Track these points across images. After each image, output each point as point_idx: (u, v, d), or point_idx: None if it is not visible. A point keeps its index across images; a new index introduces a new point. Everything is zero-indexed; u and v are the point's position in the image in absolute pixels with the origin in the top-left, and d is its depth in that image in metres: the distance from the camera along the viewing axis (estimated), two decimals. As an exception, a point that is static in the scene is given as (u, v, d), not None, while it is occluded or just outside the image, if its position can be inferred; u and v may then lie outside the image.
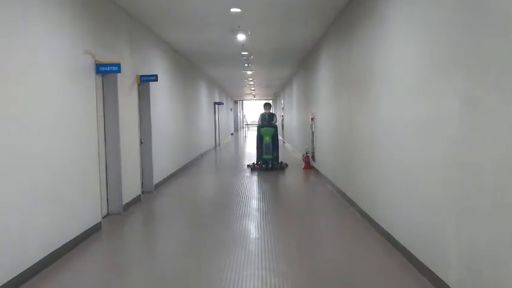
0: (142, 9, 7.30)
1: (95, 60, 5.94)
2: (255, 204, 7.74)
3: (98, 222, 5.95)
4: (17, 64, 4.10)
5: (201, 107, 16.73)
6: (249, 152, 19.39)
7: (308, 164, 12.11)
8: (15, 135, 4.02)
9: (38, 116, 4.45)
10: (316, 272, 4.36)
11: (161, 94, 9.78)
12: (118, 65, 5.95)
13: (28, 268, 4.15)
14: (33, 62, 4.39)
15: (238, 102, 44.12)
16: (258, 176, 10.98)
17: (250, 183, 10.03)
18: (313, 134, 11.70)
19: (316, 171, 11.28)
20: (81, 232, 5.39)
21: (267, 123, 12.57)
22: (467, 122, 3.14)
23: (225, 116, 28.67)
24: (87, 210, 5.66)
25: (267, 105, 13.09)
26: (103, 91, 6.62)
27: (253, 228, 6.13)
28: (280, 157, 12.97)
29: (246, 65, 14.78)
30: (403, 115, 4.46)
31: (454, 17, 3.36)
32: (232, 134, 35.46)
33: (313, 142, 11.74)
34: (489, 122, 2.88)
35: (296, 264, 4.60)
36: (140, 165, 8.21)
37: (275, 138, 12.29)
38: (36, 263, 4.31)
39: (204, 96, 17.83)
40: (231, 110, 35.14)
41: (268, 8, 7.26)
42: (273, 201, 8.29)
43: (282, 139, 26.24)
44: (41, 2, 4.59)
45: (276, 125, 12.60)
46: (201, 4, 7.05)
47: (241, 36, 9.62)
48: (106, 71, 5.94)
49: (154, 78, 7.95)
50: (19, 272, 4.00)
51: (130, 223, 6.65)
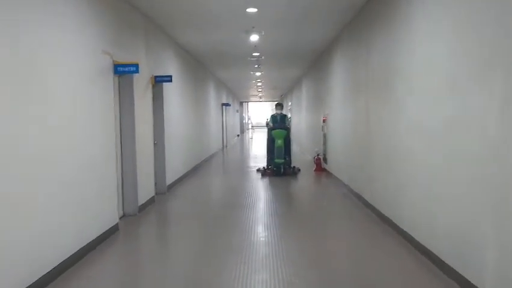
0: (158, 11, 7.26)
1: (113, 61, 5.91)
2: (268, 207, 7.68)
3: (115, 224, 5.90)
4: (40, 65, 4.06)
5: (209, 108, 16.70)
6: (256, 154, 19.34)
7: (320, 166, 12.02)
8: (41, 135, 3.99)
9: (61, 116, 4.42)
10: (339, 275, 4.29)
11: (173, 95, 9.75)
12: (136, 66, 5.91)
13: (54, 268, 4.11)
14: (55, 62, 4.36)
15: (243, 103, 44.04)
16: (269, 180, 10.54)
17: (262, 186, 9.96)
18: (325, 136, 11.63)
19: (328, 173, 11.20)
20: (101, 233, 5.35)
21: (279, 125, 11.68)
22: (507, 121, 3.07)
23: (231, 117, 28.64)
24: (106, 211, 5.62)
25: (279, 106, 12.12)
26: (119, 91, 6.59)
27: (267, 231, 6.07)
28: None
29: (256, 66, 14.73)
30: (432, 115, 4.38)
31: (490, 15, 3.30)
32: (238, 136, 35.42)
33: (325, 144, 11.67)
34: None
35: (316, 267, 4.54)
36: (153, 166, 8.17)
37: (288, 141, 11.46)
38: (61, 262, 4.27)
39: (213, 98, 17.80)
40: (237, 112, 35.08)
41: (285, 7, 7.21)
42: (287, 203, 8.23)
43: (289, 141, 26.13)
44: (64, 2, 4.56)
45: (288, 127, 11.80)
46: (217, 4, 7.01)
47: (254, 37, 9.57)
48: (124, 72, 5.90)
49: (169, 79, 7.91)
50: (46, 272, 3.96)
51: (146, 225, 6.60)
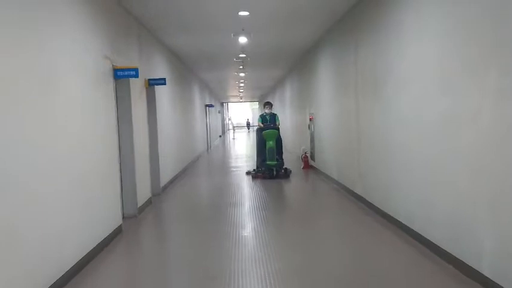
0: (151, 15, 7.39)
1: (113, 66, 6.03)
2: (262, 204, 7.89)
3: (119, 225, 6.03)
4: (57, 73, 4.18)
5: (195, 109, 16.83)
6: (242, 154, 19.53)
7: (307, 164, 12.31)
8: (51, 137, 4.11)
9: (73, 118, 4.54)
10: (340, 264, 4.54)
11: (163, 98, 9.87)
12: (136, 70, 6.04)
13: (67, 271, 4.23)
14: (68, 70, 4.48)
15: (224, 104, 44.16)
16: (261, 182, 10.09)
17: (252, 185, 10.14)
18: (312, 134, 11.91)
19: (316, 170, 11.49)
20: (107, 234, 5.47)
21: (269, 125, 11.07)
22: (500, 116, 3.36)
23: (214, 118, 28.75)
24: (110, 212, 5.74)
25: (268, 105, 11.46)
26: (117, 95, 6.70)
27: (267, 227, 6.29)
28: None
29: (241, 67, 14.93)
30: (426, 112, 4.67)
31: (482, 14, 3.59)
32: (220, 137, 35.53)
33: (312, 142, 11.95)
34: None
35: (320, 257, 4.79)
36: (149, 168, 8.29)
37: (279, 141, 10.91)
38: (74, 265, 4.39)
39: (197, 99, 17.93)
40: (219, 112, 35.19)
41: (276, 10, 7.43)
42: (280, 198, 8.46)
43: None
44: (71, 11, 4.68)
45: (279, 127, 11.16)
46: (211, 8, 7.18)
47: (243, 39, 9.77)
48: (124, 76, 6.03)
49: (163, 81, 8.05)
50: (60, 276, 4.08)
51: (148, 225, 6.74)
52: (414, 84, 4.95)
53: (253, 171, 11.04)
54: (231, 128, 52.79)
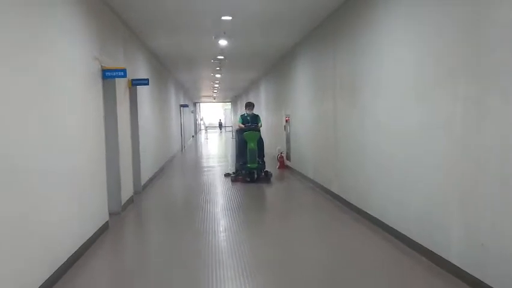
0: (137, 18, 7.56)
1: (101, 66, 6.18)
2: (239, 202, 8.17)
3: (106, 222, 6.18)
4: (55, 74, 4.34)
5: (171, 109, 16.94)
6: (216, 155, 19.74)
7: (283, 164, 12.67)
8: (48, 135, 4.27)
9: (65, 117, 4.70)
10: (322, 258, 4.89)
11: (144, 98, 10.01)
12: (124, 70, 6.22)
13: (61, 266, 4.39)
14: (64, 70, 4.64)
15: (196, 104, 44.16)
16: (241, 185, 9.80)
17: (230, 187, 10.39)
18: (288, 135, 12.28)
19: (291, 170, 11.85)
20: (96, 230, 5.63)
21: (250, 126, 10.43)
22: (471, 121, 3.76)
23: (187, 118, 28.81)
24: (98, 209, 5.89)
25: (250, 105, 10.86)
26: (104, 95, 6.83)
27: (241, 225, 6.58)
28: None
29: (218, 68, 15.16)
30: (401, 117, 5.06)
31: (454, 28, 3.99)
32: (193, 137, 35.56)
33: (288, 142, 12.31)
34: (491, 120, 3.50)
35: (301, 252, 5.12)
36: (132, 167, 8.43)
37: (261, 143, 10.37)
38: (69, 257, 4.56)
39: (173, 99, 18.03)
40: (192, 113, 35.22)
41: (257, 15, 7.72)
42: (258, 198, 8.75)
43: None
44: (67, 14, 4.84)
45: (260, 128, 10.55)
46: (195, 12, 7.41)
47: (223, 42, 10.03)
48: (112, 76, 6.19)
49: (146, 82, 8.22)
50: (54, 270, 4.24)
51: (132, 223, 6.92)
52: (391, 91, 5.35)
53: (233, 174, 10.63)
54: (202, 128, 52.88)
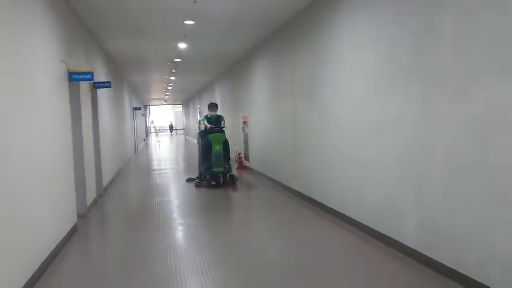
0: (99, 22, 7.62)
1: (67, 69, 6.23)
2: (201, 202, 8.40)
3: (75, 224, 6.23)
4: (28, 76, 4.41)
5: (125, 112, 16.81)
6: (170, 157, 19.72)
7: (241, 164, 12.98)
8: (24, 137, 4.35)
9: (38, 120, 4.77)
10: (288, 249, 5.25)
11: (103, 101, 9.99)
12: (91, 73, 6.30)
13: (37, 269, 4.47)
14: (36, 73, 4.71)
15: (146, 107, 43.57)
16: (204, 188, 9.54)
17: (189, 187, 10.55)
18: (246, 136, 12.61)
19: (250, 169, 12.19)
20: (66, 232, 5.69)
21: (215, 127, 9.90)
22: (421, 119, 4.25)
23: (139, 121, 28.47)
24: (68, 211, 5.94)
25: (213, 106, 10.35)
26: (69, 98, 6.86)
27: (203, 221, 6.84)
28: (194, 158, 11.75)
29: (173, 70, 15.24)
30: (358, 116, 5.52)
31: (408, 36, 4.47)
32: (144, 140, 35.11)
33: (246, 143, 12.64)
34: (439, 118, 3.99)
35: (269, 244, 5.46)
36: (94, 169, 8.43)
37: (226, 146, 9.88)
38: (46, 258, 4.63)
39: (127, 102, 17.89)
40: (143, 115, 34.78)
41: (219, 20, 7.99)
42: (220, 197, 9.02)
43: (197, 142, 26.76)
44: (38, 19, 4.91)
45: (224, 128, 10.13)
46: (158, 16, 7.57)
47: (183, 45, 10.21)
48: (79, 79, 6.25)
49: (108, 84, 8.26)
50: (35, 270, 4.32)
51: (98, 224, 6.98)
52: (348, 92, 5.81)
53: (196, 178, 10.12)
54: (153, 131, 52.20)
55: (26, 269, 4.07)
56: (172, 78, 18.06)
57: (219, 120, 10.16)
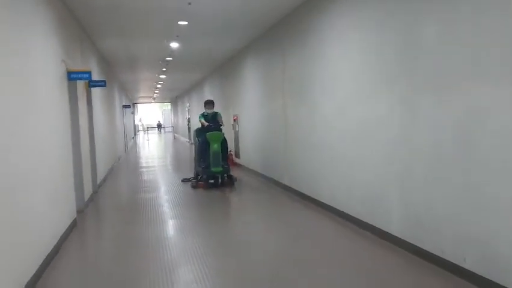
0: (90, 18, 7.73)
1: (67, 68, 6.42)
2: (195, 199, 8.64)
3: (74, 219, 6.44)
4: (33, 75, 4.62)
5: (116, 110, 16.93)
6: (160, 155, 19.88)
7: (232, 161, 13.22)
8: (29, 135, 4.56)
9: (43, 117, 4.98)
10: (280, 239, 5.55)
11: (96, 99, 10.16)
12: (89, 73, 6.50)
13: (42, 262, 4.69)
14: (40, 73, 4.92)
15: (135, 105, 43.50)
16: (201, 188, 9.20)
17: (182, 183, 10.75)
18: (236, 133, 12.86)
19: (241, 167, 12.45)
20: (67, 227, 5.89)
21: (213, 125, 9.51)
22: (406, 117, 4.56)
23: (128, 119, 28.51)
24: (68, 206, 6.15)
25: (210, 103, 9.90)
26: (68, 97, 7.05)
27: (199, 216, 7.10)
28: (186, 156, 11.70)
29: (164, 69, 15.41)
30: (345, 115, 5.83)
31: (393, 40, 4.78)
32: (133, 138, 35.11)
33: (236, 140, 12.90)
34: (421, 117, 4.30)
35: (264, 234, 5.75)
36: (90, 166, 8.62)
37: (224, 144, 9.49)
38: (50, 252, 4.86)
39: (117, 100, 18.01)
40: (132, 113, 34.78)
41: (212, 21, 8.23)
42: (214, 192, 9.27)
43: (189, 140, 26.96)
44: (40, 21, 5.11)
45: (221, 126, 9.73)
46: (152, 16, 7.78)
47: (175, 45, 10.42)
48: (78, 78, 6.45)
49: (102, 83, 8.45)
50: (38, 265, 4.54)
51: (96, 219, 7.19)
52: (337, 92, 6.10)
53: (193, 178, 9.74)
54: (141, 129, 52.08)
55: (33, 262, 4.29)
56: (162, 76, 18.22)
57: (216, 117, 9.73)
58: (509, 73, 3.30)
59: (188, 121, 26.98)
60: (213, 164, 9.12)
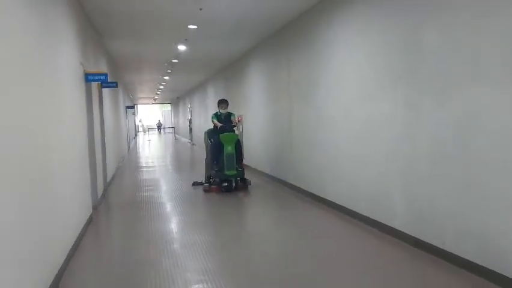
0: (104, 21, 8.00)
1: (84, 70, 6.71)
2: (196, 196, 8.91)
3: (90, 214, 6.73)
4: (60, 75, 4.91)
5: (120, 111, 17.23)
6: (162, 155, 20.14)
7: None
8: (60, 133, 4.86)
9: (68, 116, 5.27)
10: (288, 233, 5.84)
11: (106, 100, 10.45)
12: (106, 75, 6.80)
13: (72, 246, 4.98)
14: (59, 77, 5.21)
15: (135, 106, 43.74)
16: (214, 192, 8.76)
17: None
18: (241, 134, 13.16)
19: (246, 167, 12.70)
20: (85, 222, 6.18)
21: (226, 126, 9.11)
22: (409, 117, 4.87)
23: (130, 120, 28.81)
24: (85, 202, 6.44)
25: (224, 102, 9.43)
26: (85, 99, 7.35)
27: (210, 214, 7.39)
28: (191, 157, 11.66)
29: (169, 71, 15.71)
30: (350, 116, 6.13)
31: (396, 43, 5.09)
32: (134, 138, 35.39)
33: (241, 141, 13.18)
34: (423, 117, 4.61)
35: (274, 229, 6.05)
36: (102, 163, 8.91)
37: (239, 146, 9.08)
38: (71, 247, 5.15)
39: (121, 101, 18.30)
40: (133, 114, 35.07)
41: (221, 25, 8.53)
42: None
43: (190, 141, 27.26)
44: (65, 26, 5.40)
45: (235, 126, 9.38)
46: (163, 20, 8.07)
47: (182, 47, 10.72)
48: (94, 80, 6.74)
49: (114, 85, 8.74)
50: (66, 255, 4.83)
51: (110, 214, 7.48)
52: (342, 93, 6.41)
53: (205, 182, 9.21)
54: (141, 130, 52.25)
55: (61, 254, 4.58)
56: (165, 78, 18.51)
57: (229, 118, 9.30)
58: (507, 75, 3.59)
59: (190, 122, 27.28)
60: (226, 167, 8.68)
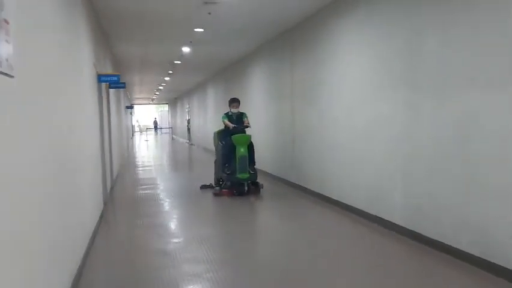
0: (111, 23, 8.23)
1: (96, 72, 6.98)
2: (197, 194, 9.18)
3: (102, 210, 6.99)
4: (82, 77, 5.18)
5: (121, 110, 17.47)
6: (160, 155, 20.36)
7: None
8: (78, 131, 5.13)
9: (87, 116, 5.54)
10: (299, 227, 6.14)
11: (112, 100, 10.72)
12: (118, 76, 7.06)
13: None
14: (81, 81, 5.48)
15: (132, 105, 43.84)
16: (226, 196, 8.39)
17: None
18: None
19: (246, 166, 13.01)
20: (98, 216, 6.44)
21: (238, 127, 8.72)
22: (408, 118, 5.18)
23: (129, 119, 29.02)
24: (99, 196, 6.70)
25: (236, 101, 9.00)
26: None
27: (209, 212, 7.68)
28: (192, 158, 11.59)
29: (170, 72, 15.95)
30: (352, 117, 6.44)
31: (398, 47, 5.41)
32: (131, 138, 35.57)
33: (241, 141, 13.45)
34: (424, 118, 4.92)
35: (282, 225, 6.34)
36: (109, 161, 9.17)
37: (252, 148, 8.70)
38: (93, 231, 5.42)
39: (122, 101, 18.53)
40: (131, 114, 35.23)
41: (226, 27, 8.80)
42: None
43: (188, 142, 27.49)
44: (83, 31, 5.67)
45: (247, 127, 8.91)
46: (170, 23, 8.34)
47: (186, 49, 11.00)
48: (107, 81, 7.01)
49: (123, 85, 9.00)
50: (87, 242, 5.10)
51: (120, 209, 7.74)
52: (344, 95, 6.72)
53: (216, 185, 8.78)
54: (137, 130, 52.30)
55: (81, 247, 4.85)
56: (166, 78, 18.75)
57: (241, 118, 8.87)
58: (505, 76, 3.90)
59: (188, 122, 27.52)
60: (239, 170, 8.31)
